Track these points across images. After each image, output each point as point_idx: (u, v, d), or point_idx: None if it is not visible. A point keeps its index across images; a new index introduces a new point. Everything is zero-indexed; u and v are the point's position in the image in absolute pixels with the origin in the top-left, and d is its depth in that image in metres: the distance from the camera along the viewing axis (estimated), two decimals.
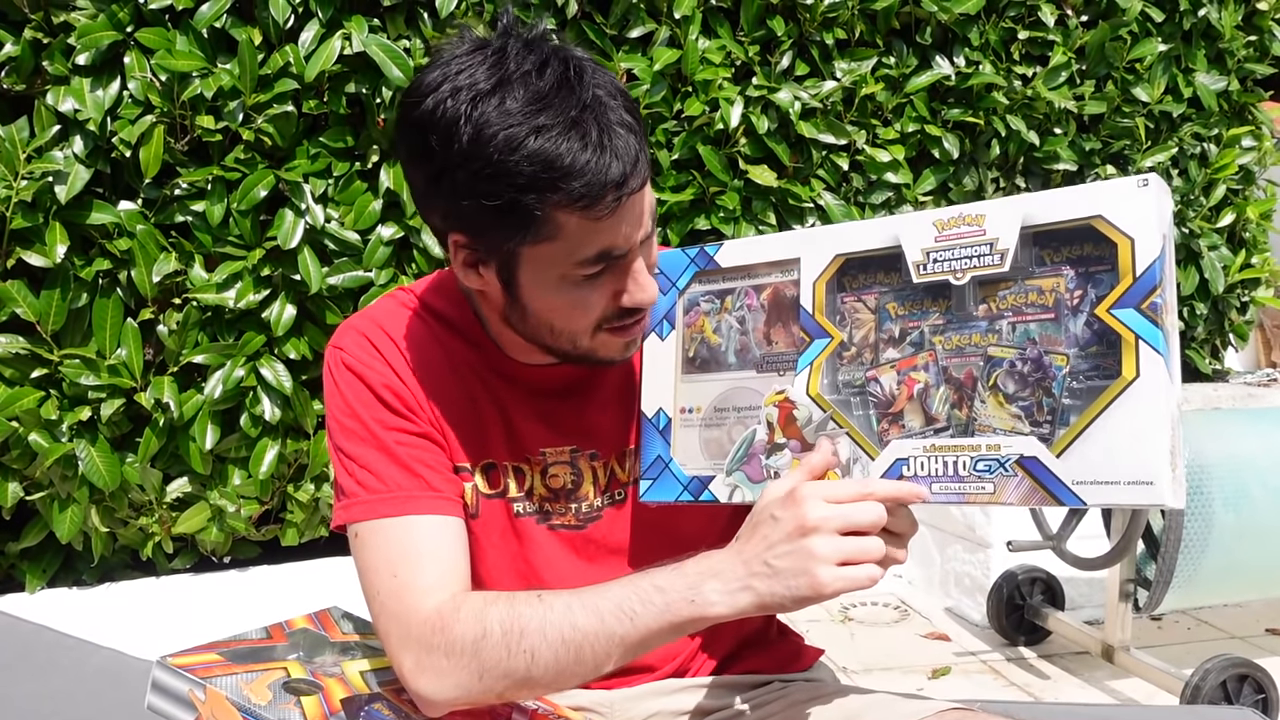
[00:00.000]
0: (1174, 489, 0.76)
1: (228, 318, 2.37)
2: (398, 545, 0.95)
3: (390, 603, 0.94)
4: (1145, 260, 0.77)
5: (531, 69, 0.86)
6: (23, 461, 2.26)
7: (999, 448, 0.81)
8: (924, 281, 0.87)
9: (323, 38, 2.35)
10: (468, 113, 0.85)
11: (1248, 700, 2.18)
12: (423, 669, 0.91)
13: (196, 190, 2.33)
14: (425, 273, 2.43)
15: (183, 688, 0.93)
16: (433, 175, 0.89)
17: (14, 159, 2.17)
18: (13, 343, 2.21)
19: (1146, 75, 3.17)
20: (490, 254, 0.92)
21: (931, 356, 0.86)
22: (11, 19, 2.24)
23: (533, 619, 0.88)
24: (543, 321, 0.95)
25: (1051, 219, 0.81)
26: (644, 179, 0.89)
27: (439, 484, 0.99)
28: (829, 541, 0.81)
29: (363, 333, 1.04)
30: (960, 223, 0.86)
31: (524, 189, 0.84)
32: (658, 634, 0.86)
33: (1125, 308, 0.78)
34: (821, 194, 2.77)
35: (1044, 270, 0.81)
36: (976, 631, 2.80)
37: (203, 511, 2.40)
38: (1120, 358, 0.77)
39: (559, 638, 0.87)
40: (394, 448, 0.99)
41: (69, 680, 1.36)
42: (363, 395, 1.01)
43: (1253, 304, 3.51)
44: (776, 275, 0.97)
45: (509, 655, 0.88)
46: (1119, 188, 0.79)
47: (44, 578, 2.42)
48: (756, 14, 2.74)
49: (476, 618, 0.90)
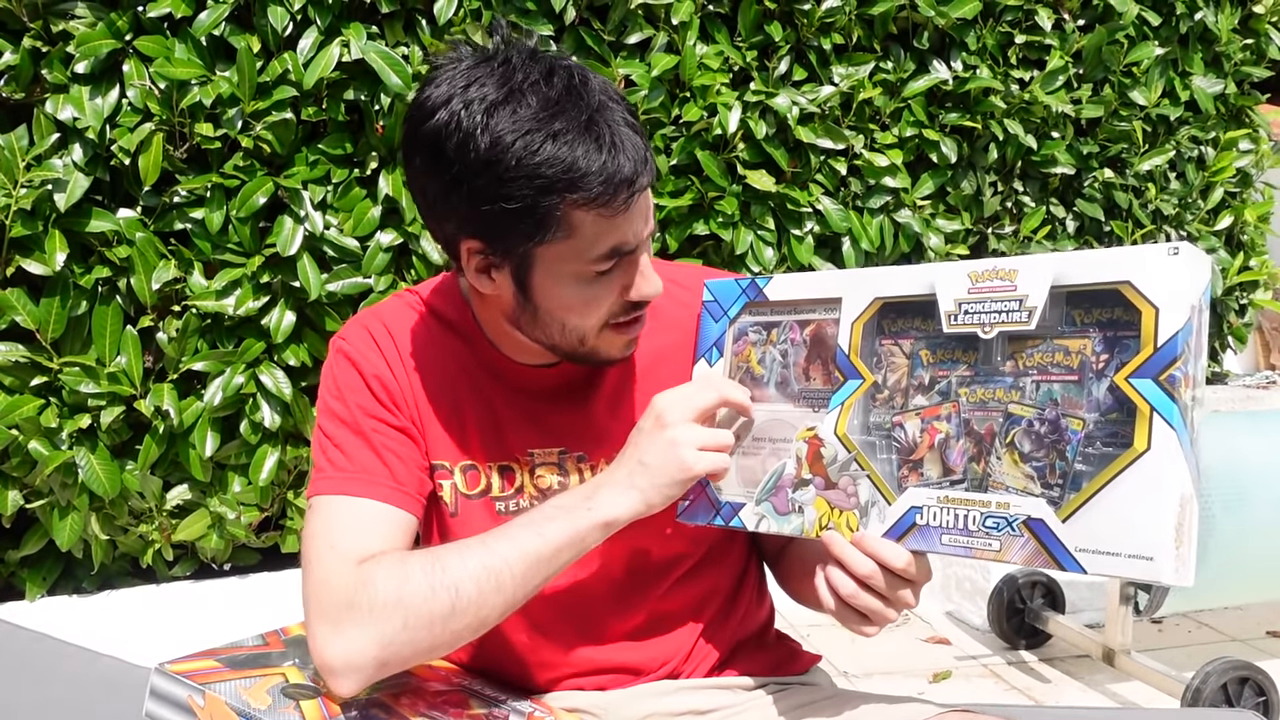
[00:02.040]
0: (1176, 566, 0.75)
1: (227, 325, 2.37)
2: (345, 521, 0.99)
3: (319, 570, 0.95)
4: (1168, 332, 0.76)
5: (539, 78, 0.91)
6: (22, 469, 2.26)
7: (1008, 506, 0.81)
8: (954, 332, 0.87)
9: (321, 45, 2.35)
10: (483, 123, 0.89)
11: (1249, 703, 2.18)
12: (340, 630, 0.91)
13: (196, 198, 2.33)
14: (424, 279, 2.43)
15: (181, 694, 0.93)
16: (448, 185, 0.93)
17: (13, 167, 2.17)
18: (12, 351, 2.21)
19: (1143, 79, 3.17)
20: (505, 257, 0.96)
21: (955, 408, 0.86)
22: (10, 27, 2.24)
23: (451, 555, 0.93)
24: (555, 320, 0.99)
25: (1082, 280, 0.81)
26: (651, 176, 0.94)
27: (404, 478, 1.03)
28: (688, 430, 0.94)
29: (365, 326, 1.09)
30: (994, 276, 0.85)
31: (544, 190, 0.89)
32: (566, 545, 0.94)
33: (1143, 378, 0.77)
34: (820, 198, 2.77)
35: (1072, 331, 0.81)
36: (977, 635, 2.79)
37: (203, 519, 2.40)
38: (1134, 428, 0.76)
39: (479, 565, 0.91)
40: (370, 434, 1.03)
41: (69, 688, 1.36)
42: (353, 381, 1.05)
43: (1251, 306, 3.51)
44: (820, 312, 0.98)
45: (432, 594, 0.91)
46: (1149, 255, 0.78)
47: (44, 585, 2.42)
48: (754, 19, 2.74)
49: (396, 569, 0.93)
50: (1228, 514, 2.26)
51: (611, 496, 0.94)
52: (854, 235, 2.79)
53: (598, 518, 0.94)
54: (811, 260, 2.76)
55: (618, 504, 0.94)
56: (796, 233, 2.75)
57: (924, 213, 2.93)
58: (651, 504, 0.94)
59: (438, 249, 2.45)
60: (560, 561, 0.94)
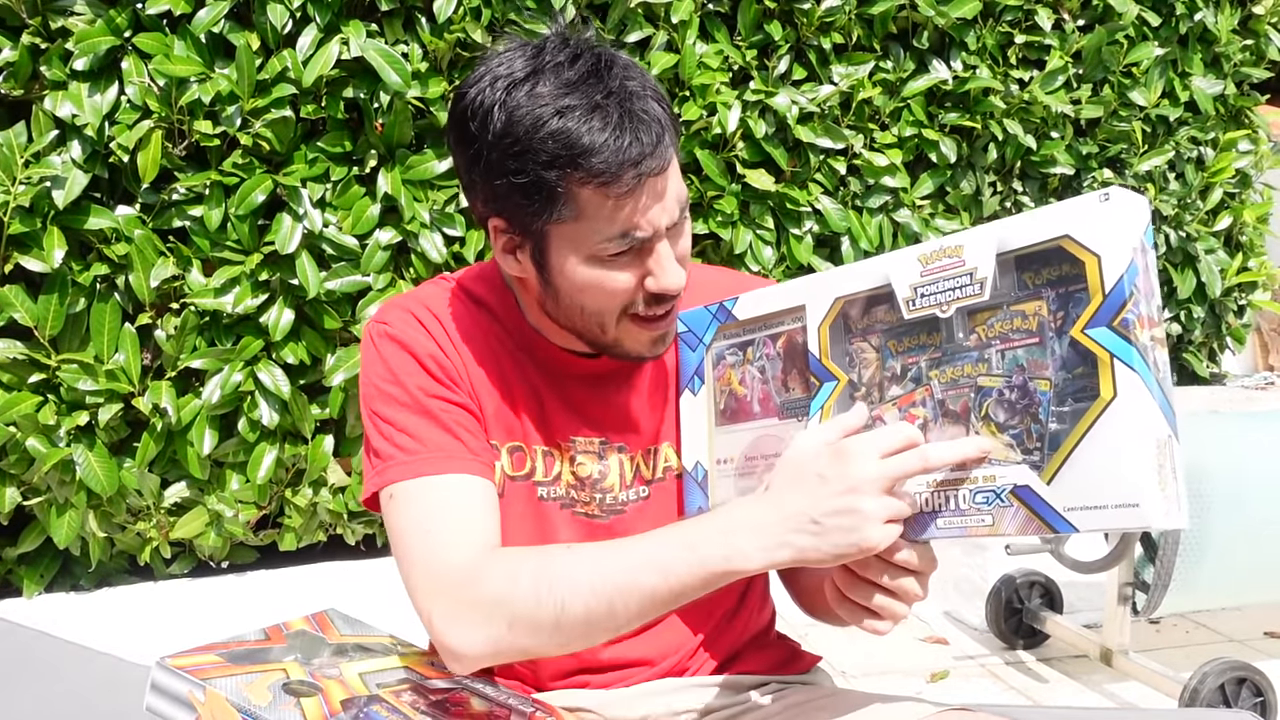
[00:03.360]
0: (1166, 508, 0.74)
1: (225, 322, 2.37)
2: (433, 502, 0.97)
3: (421, 557, 0.95)
4: (1113, 277, 0.76)
5: (564, 60, 0.93)
6: (20, 466, 2.26)
7: (994, 479, 0.81)
8: (915, 317, 0.87)
9: (320, 43, 2.35)
10: (502, 99, 0.92)
11: (1246, 704, 2.18)
12: (452, 619, 0.92)
13: (194, 195, 2.33)
14: (424, 278, 2.43)
15: (182, 689, 0.93)
16: (472, 159, 0.95)
17: (12, 164, 2.17)
18: (10, 348, 2.21)
19: (1143, 79, 3.18)
20: (524, 236, 0.97)
21: (929, 391, 0.85)
22: (10, 24, 2.24)
23: (562, 570, 0.89)
24: (574, 302, 0.99)
25: (1023, 243, 0.81)
26: (664, 163, 0.93)
27: (477, 448, 1.01)
28: (879, 502, 0.81)
29: (408, 309, 1.07)
30: (942, 255, 0.85)
31: (547, 165, 0.90)
32: (691, 588, 0.86)
33: (1098, 326, 0.76)
34: (819, 198, 2.77)
35: (1026, 294, 0.81)
36: (975, 635, 2.80)
37: (200, 516, 2.40)
38: (1098, 378, 0.76)
39: (589, 588, 0.87)
40: (438, 413, 1.01)
41: (67, 686, 1.36)
42: (406, 364, 1.03)
43: (1250, 307, 3.51)
44: (789, 323, 0.98)
45: (538, 605, 0.88)
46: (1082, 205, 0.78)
47: (42, 583, 2.41)
48: (754, 19, 2.75)
49: (508, 569, 0.91)
50: (1226, 515, 2.26)
51: (758, 548, 0.84)
52: (853, 235, 2.79)
53: (735, 566, 0.84)
54: (811, 259, 2.76)
55: (763, 557, 0.84)
56: (795, 232, 2.75)
57: (923, 212, 2.93)
58: (802, 562, 0.83)
59: (437, 246, 2.44)
60: (680, 601, 0.87)
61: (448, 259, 2.45)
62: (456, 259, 2.47)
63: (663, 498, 1.09)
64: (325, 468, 2.45)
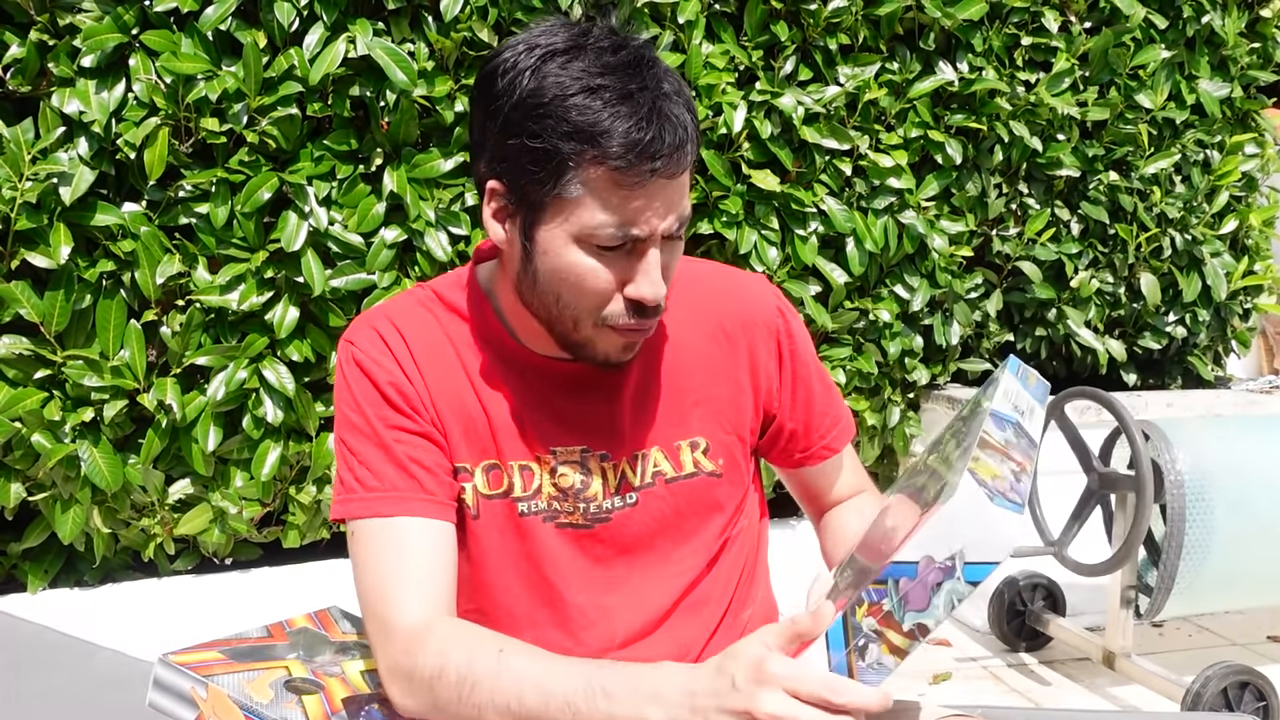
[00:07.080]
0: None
1: (231, 320, 2.37)
2: (387, 548, 0.99)
3: (372, 609, 0.99)
4: None
5: (608, 46, 0.94)
6: (25, 462, 2.27)
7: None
8: None
9: (327, 41, 2.35)
10: (536, 65, 0.92)
11: (1249, 707, 2.18)
12: (392, 678, 0.96)
13: (200, 192, 2.33)
14: (428, 276, 2.43)
15: (184, 685, 0.93)
16: (490, 114, 0.95)
17: (19, 160, 2.17)
18: (16, 343, 2.21)
19: (1149, 82, 3.17)
20: (520, 204, 0.96)
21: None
22: (17, 21, 2.24)
23: (485, 678, 0.90)
24: (550, 289, 0.98)
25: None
26: (679, 169, 0.93)
27: (432, 486, 1.02)
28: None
29: (375, 328, 1.06)
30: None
31: (565, 136, 0.90)
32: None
33: None
34: (824, 199, 2.77)
35: None
36: (977, 637, 2.79)
37: (204, 513, 2.41)
38: None
39: (505, 707, 0.89)
40: (393, 445, 1.01)
41: (70, 681, 1.36)
42: (369, 392, 1.03)
43: (1255, 311, 3.50)
44: None
45: (459, 701, 0.91)
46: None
47: (46, 578, 2.42)
48: (760, 19, 2.74)
49: (438, 655, 0.93)
50: (1230, 519, 2.26)
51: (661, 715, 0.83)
52: (858, 236, 2.79)
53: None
54: (815, 261, 2.76)
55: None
56: (800, 233, 2.75)
57: (928, 214, 2.92)
58: None
59: (442, 245, 2.45)
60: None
61: (453, 257, 2.46)
62: (461, 257, 2.47)
63: (652, 504, 1.08)
64: (329, 465, 2.45)
